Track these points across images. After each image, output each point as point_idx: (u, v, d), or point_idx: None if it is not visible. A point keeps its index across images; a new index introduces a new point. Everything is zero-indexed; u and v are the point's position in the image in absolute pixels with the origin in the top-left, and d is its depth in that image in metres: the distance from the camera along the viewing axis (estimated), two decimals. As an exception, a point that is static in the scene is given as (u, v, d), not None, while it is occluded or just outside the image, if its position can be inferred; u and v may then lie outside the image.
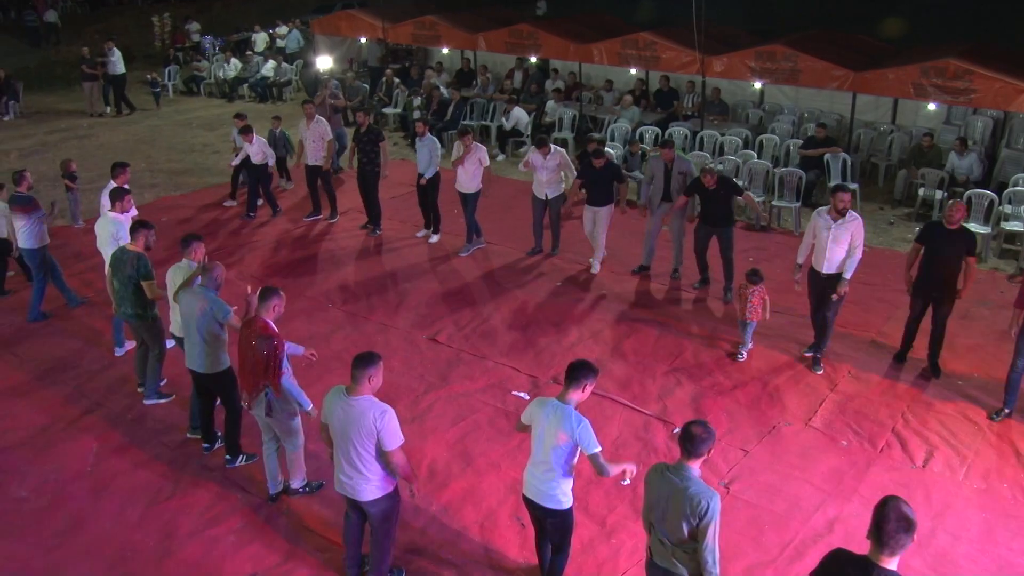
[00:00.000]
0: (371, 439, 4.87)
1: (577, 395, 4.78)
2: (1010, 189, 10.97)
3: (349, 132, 14.01)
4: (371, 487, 5.01)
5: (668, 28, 14.47)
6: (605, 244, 10.28)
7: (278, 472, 6.21)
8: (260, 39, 22.61)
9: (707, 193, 9.15)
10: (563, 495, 4.86)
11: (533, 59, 16.85)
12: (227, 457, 6.66)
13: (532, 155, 10.45)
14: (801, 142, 12.75)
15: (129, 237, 7.30)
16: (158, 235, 7.63)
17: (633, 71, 15.44)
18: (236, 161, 12.29)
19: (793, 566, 5.62)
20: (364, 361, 4.92)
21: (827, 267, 7.85)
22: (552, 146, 10.41)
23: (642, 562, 5.53)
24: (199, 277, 6.38)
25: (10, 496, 6.35)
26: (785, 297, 9.02)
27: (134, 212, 8.24)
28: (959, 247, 7.43)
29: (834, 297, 7.77)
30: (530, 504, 5.00)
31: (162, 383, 7.63)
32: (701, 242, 9.51)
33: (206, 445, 6.85)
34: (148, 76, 19.67)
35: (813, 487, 6.41)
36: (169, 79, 20.89)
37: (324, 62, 18.40)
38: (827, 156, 12.18)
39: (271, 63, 20.46)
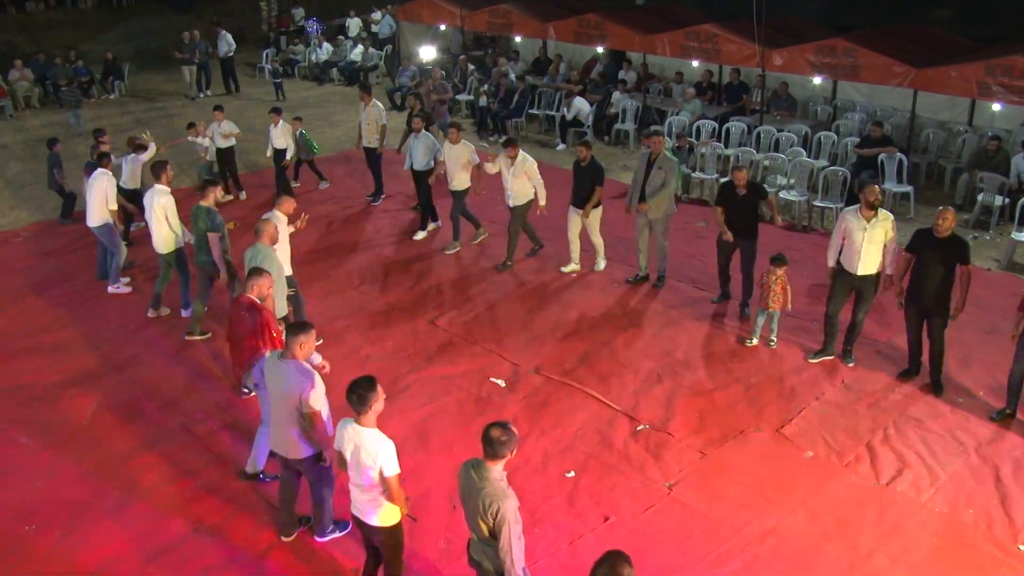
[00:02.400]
0: (296, 401, 5.25)
1: (369, 417, 4.65)
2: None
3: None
4: (299, 446, 5.39)
5: (737, 21, 14.07)
6: (603, 242, 9.98)
7: (262, 459, 6.49)
8: (353, 24, 23.41)
9: (735, 200, 8.69)
10: (387, 512, 4.81)
11: (600, 49, 16.76)
12: None
13: (501, 156, 9.90)
14: (858, 140, 12.22)
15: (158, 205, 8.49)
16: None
17: (695, 63, 15.13)
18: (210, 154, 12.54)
19: (711, 573, 5.58)
20: (296, 329, 5.33)
21: (863, 268, 7.65)
22: (521, 151, 9.78)
23: (562, 557, 5.69)
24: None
25: (14, 442, 7.09)
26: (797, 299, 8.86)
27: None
28: (950, 257, 7.05)
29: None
30: (359, 522, 4.97)
31: None
32: (724, 254, 9.03)
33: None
34: (271, 67, 20.12)
35: (760, 496, 6.29)
36: (266, 62, 21.97)
37: (427, 52, 18.64)
38: (882, 156, 11.63)
39: (359, 48, 21.21)
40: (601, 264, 10.06)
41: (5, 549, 5.87)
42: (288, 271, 7.94)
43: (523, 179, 9.75)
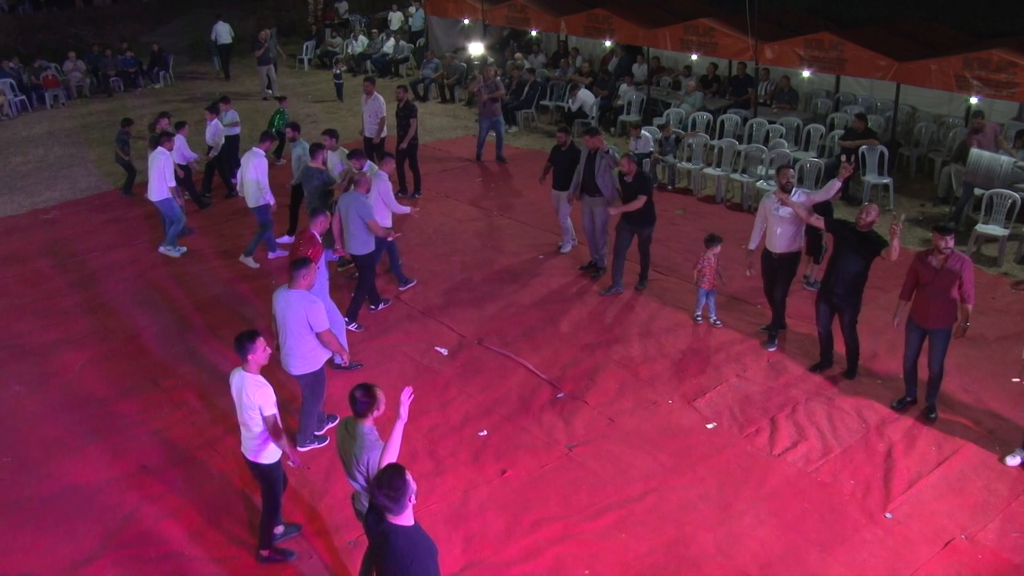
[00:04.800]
0: (301, 324, 6.30)
1: (251, 366, 5.30)
2: (1040, 192, 10.21)
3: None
4: (299, 363, 6.47)
5: (738, 15, 14.28)
6: (572, 227, 10.50)
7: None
8: (395, 18, 24.30)
9: (626, 188, 9.05)
10: (263, 451, 5.43)
11: (608, 43, 17.13)
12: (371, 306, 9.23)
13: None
14: (842, 133, 12.41)
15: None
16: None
17: (694, 56, 15.40)
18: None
19: (584, 524, 6.07)
20: (299, 264, 6.40)
21: (778, 247, 8.07)
22: (370, 163, 9.70)
23: (453, 503, 6.29)
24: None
25: (8, 389, 8.06)
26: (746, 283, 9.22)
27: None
28: (866, 252, 7.28)
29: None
30: (245, 460, 5.59)
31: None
32: (622, 240, 9.34)
33: (371, 305, 9.22)
34: (335, 70, 20.28)
35: (653, 460, 6.74)
36: (306, 53, 23.01)
37: (476, 48, 19.05)
38: (863, 148, 11.79)
39: (391, 41, 22.03)
40: (566, 247, 10.56)
41: (-15, 476, 6.81)
42: (388, 223, 9.19)
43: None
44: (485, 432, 7.13)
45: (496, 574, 5.65)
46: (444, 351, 8.40)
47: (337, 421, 7.06)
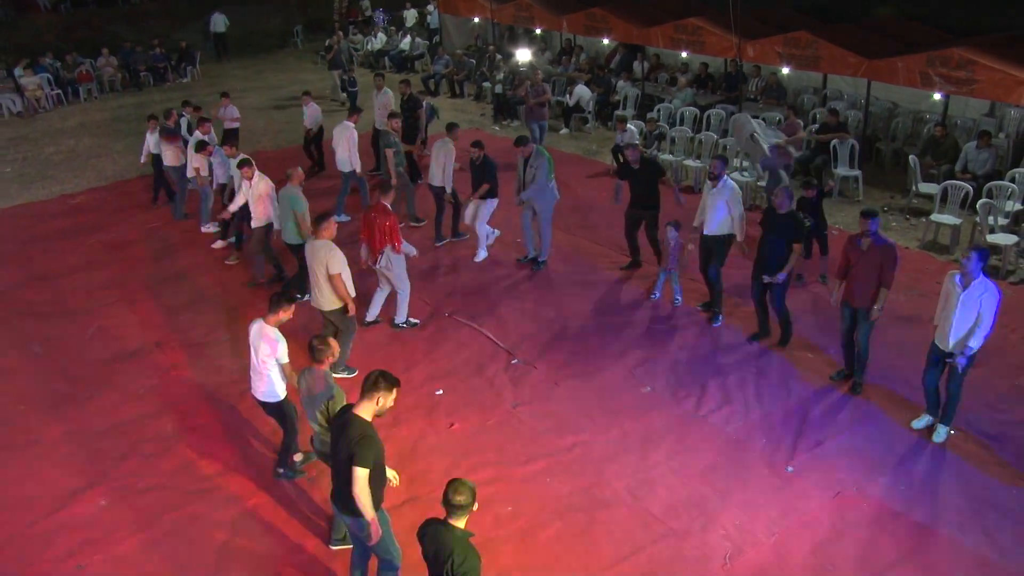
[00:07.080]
0: (324, 266, 7.44)
1: (272, 320, 6.28)
2: (992, 183, 10.71)
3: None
4: (327, 301, 7.70)
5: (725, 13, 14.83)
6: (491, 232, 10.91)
7: (378, 309, 9.17)
8: (410, 15, 25.21)
9: (632, 174, 9.78)
10: (270, 390, 6.42)
11: (605, 41, 17.80)
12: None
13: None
14: (817, 127, 12.99)
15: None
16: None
17: (684, 54, 16.02)
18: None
19: (515, 469, 6.86)
20: (322, 216, 7.62)
21: (707, 228, 8.83)
22: (258, 173, 9.77)
23: (403, 449, 7.10)
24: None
25: (27, 352, 9.07)
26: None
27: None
28: (786, 232, 7.96)
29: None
30: (256, 400, 6.63)
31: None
32: (630, 225, 10.06)
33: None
34: (344, 76, 19.99)
35: (587, 418, 7.49)
36: (327, 50, 23.97)
37: (523, 55, 19.38)
38: (834, 141, 12.36)
39: (408, 38, 22.93)
40: (480, 255, 10.82)
41: (4, 421, 7.80)
42: (450, 187, 10.96)
43: (262, 201, 9.80)
44: (441, 391, 7.94)
45: (431, 507, 6.37)
46: (416, 321, 9.22)
47: (355, 372, 8.17)
